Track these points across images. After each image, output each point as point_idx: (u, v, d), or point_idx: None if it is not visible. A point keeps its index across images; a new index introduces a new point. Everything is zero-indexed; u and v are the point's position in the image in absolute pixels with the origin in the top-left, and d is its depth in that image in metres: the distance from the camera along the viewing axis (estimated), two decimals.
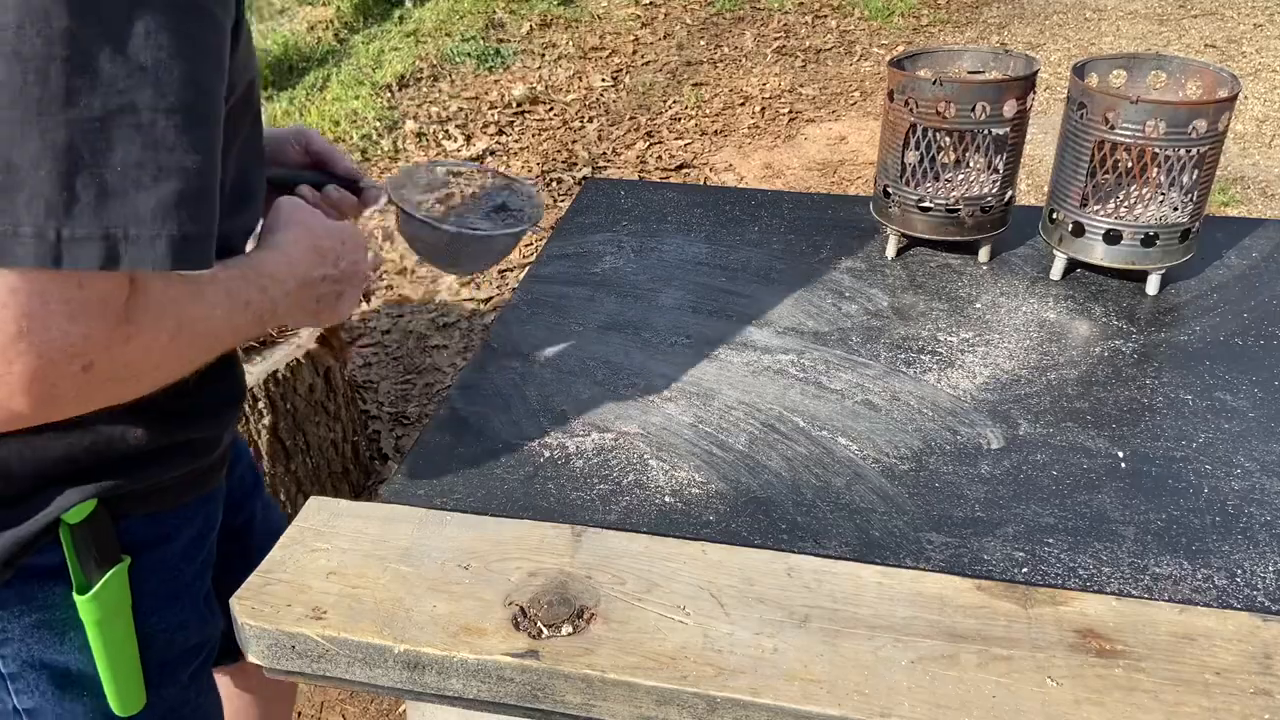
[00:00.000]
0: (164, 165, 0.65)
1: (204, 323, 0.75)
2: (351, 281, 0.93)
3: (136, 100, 0.63)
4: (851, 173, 3.84)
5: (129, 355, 0.69)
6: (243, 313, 0.80)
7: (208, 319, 0.75)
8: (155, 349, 0.71)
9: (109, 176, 0.63)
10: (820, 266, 1.28)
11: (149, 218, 0.65)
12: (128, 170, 0.64)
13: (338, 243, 0.91)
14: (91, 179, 0.63)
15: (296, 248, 0.88)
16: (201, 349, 0.77)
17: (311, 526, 0.85)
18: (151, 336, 0.70)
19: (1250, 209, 3.53)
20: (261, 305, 0.82)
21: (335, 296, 0.92)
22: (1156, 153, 1.18)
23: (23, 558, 0.82)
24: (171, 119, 0.65)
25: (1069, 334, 1.14)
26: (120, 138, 0.63)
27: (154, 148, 0.65)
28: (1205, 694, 0.69)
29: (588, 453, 0.96)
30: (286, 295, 0.85)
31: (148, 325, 0.69)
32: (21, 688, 0.88)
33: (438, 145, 3.98)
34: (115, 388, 0.71)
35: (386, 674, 0.76)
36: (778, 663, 0.72)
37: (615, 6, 5.51)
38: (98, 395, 0.70)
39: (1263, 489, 0.90)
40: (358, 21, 5.16)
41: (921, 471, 0.93)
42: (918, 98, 1.19)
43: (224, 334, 0.78)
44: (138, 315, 0.68)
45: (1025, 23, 5.36)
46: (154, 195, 0.65)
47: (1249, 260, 1.28)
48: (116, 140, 0.63)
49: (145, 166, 0.64)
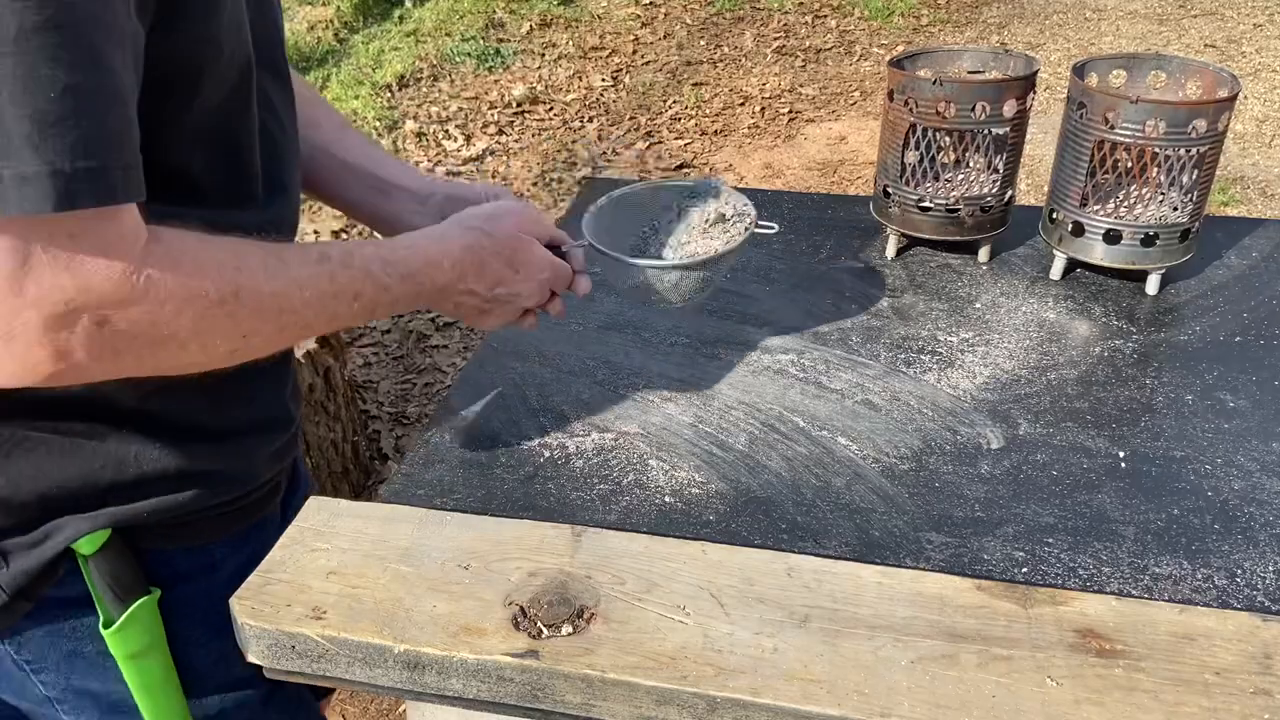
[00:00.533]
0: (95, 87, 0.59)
1: (277, 299, 0.71)
2: (503, 307, 0.91)
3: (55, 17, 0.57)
4: (851, 173, 3.84)
5: (153, 313, 0.65)
6: (347, 303, 0.77)
7: (285, 294, 0.72)
8: (192, 312, 0.66)
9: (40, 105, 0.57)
10: (820, 266, 1.28)
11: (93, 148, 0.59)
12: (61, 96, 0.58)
13: (509, 270, 0.89)
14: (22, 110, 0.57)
15: (462, 254, 0.86)
16: (275, 324, 0.72)
17: (311, 526, 0.85)
18: (183, 296, 0.65)
19: (1250, 209, 3.53)
20: (377, 299, 0.79)
21: (477, 311, 0.90)
22: (1156, 153, 1.18)
23: (40, 589, 0.79)
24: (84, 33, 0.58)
25: (1069, 334, 1.14)
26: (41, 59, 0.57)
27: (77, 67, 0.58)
28: (1205, 694, 0.69)
29: (588, 453, 0.96)
30: (417, 295, 0.83)
31: (175, 282, 0.65)
32: (68, 710, 0.86)
33: (438, 145, 3.98)
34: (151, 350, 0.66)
35: (386, 674, 0.76)
36: (778, 663, 0.72)
37: (615, 6, 5.51)
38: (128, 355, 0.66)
39: (1263, 489, 0.90)
40: (358, 21, 5.16)
41: (921, 471, 0.93)
42: (918, 98, 1.19)
43: (311, 318, 0.75)
44: (155, 269, 0.64)
45: (1025, 23, 5.36)
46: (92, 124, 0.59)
47: (1249, 260, 1.28)
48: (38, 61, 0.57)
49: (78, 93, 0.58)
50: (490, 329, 0.97)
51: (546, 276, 0.92)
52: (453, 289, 0.86)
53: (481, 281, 0.88)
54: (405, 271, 0.82)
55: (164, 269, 0.65)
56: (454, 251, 0.86)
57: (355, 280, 0.78)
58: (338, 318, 0.78)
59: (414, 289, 0.83)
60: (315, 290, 0.75)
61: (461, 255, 0.86)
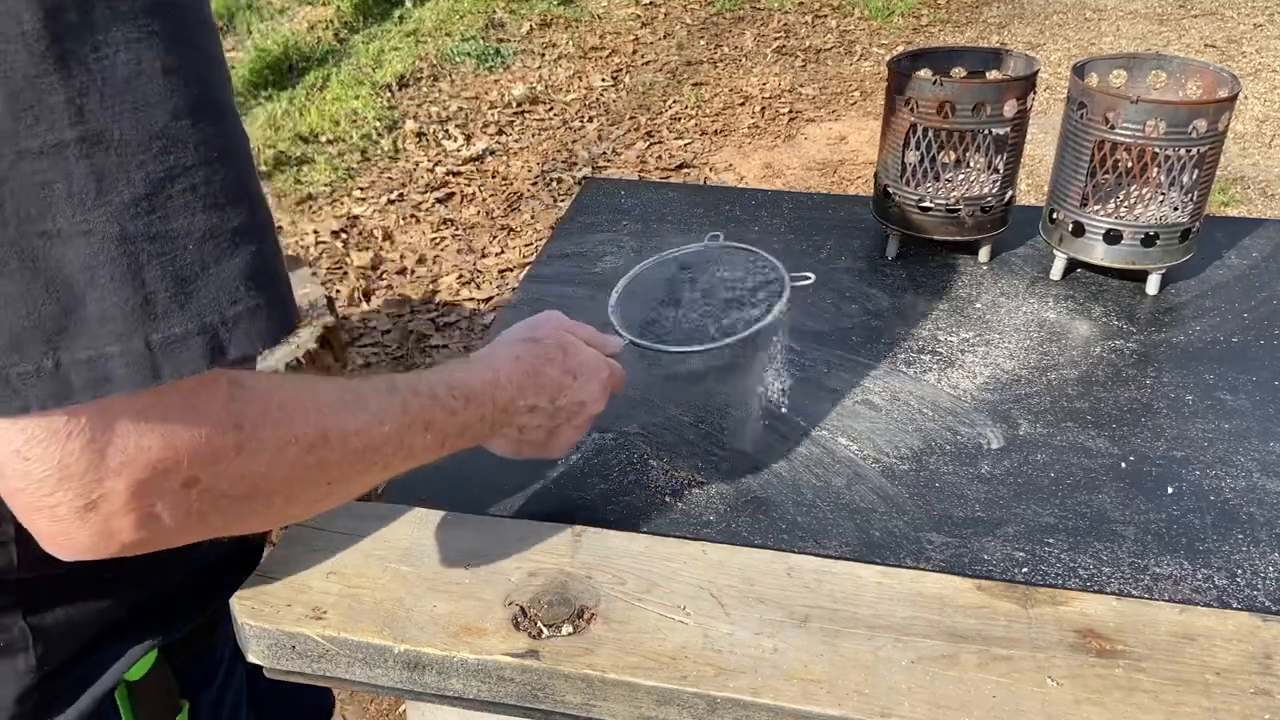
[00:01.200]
0: (235, 226, 0.53)
1: (361, 436, 0.65)
2: (571, 420, 0.85)
3: (183, 159, 0.52)
4: (851, 173, 3.84)
5: (245, 468, 0.58)
6: (420, 434, 0.71)
7: (367, 432, 0.66)
8: (284, 462, 0.60)
9: (180, 257, 0.52)
10: (820, 266, 1.28)
11: (241, 291, 0.53)
12: (199, 243, 0.52)
13: (568, 377, 0.84)
14: (162, 267, 0.51)
15: (514, 365, 0.81)
16: (359, 466, 0.66)
17: (311, 526, 0.85)
18: (276, 446, 0.59)
19: (1250, 209, 3.53)
20: (447, 428, 0.73)
21: (546, 433, 0.84)
22: (1156, 153, 1.18)
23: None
24: (222, 168, 0.53)
25: (1069, 334, 1.14)
26: (175, 209, 0.52)
27: (216, 208, 0.53)
28: (1205, 694, 0.69)
29: (588, 453, 0.96)
30: (482, 420, 0.77)
31: (268, 433, 0.59)
32: None
33: (438, 145, 3.98)
34: (238, 507, 0.60)
35: (386, 674, 0.76)
36: (778, 663, 0.72)
37: (615, 6, 5.51)
38: (214, 516, 0.59)
39: (1263, 489, 0.90)
40: (358, 21, 5.16)
41: (921, 471, 0.93)
42: (918, 98, 1.19)
43: (390, 454, 0.69)
44: (246, 418, 0.57)
45: (1025, 23, 5.36)
46: (235, 264, 0.53)
47: (1249, 260, 1.28)
48: (172, 213, 0.51)
49: (217, 234, 0.53)
50: (565, 452, 0.88)
51: (605, 377, 0.87)
52: (515, 408, 0.80)
53: (542, 394, 0.82)
54: (468, 393, 0.76)
55: (254, 416, 0.58)
56: (506, 365, 0.81)
57: (425, 408, 0.72)
58: (413, 453, 0.71)
59: (478, 413, 0.77)
60: (394, 423, 0.69)
61: (514, 367, 0.81)
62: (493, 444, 0.84)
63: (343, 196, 3.63)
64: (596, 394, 0.86)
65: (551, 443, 0.86)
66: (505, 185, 3.71)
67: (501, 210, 3.55)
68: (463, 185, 3.72)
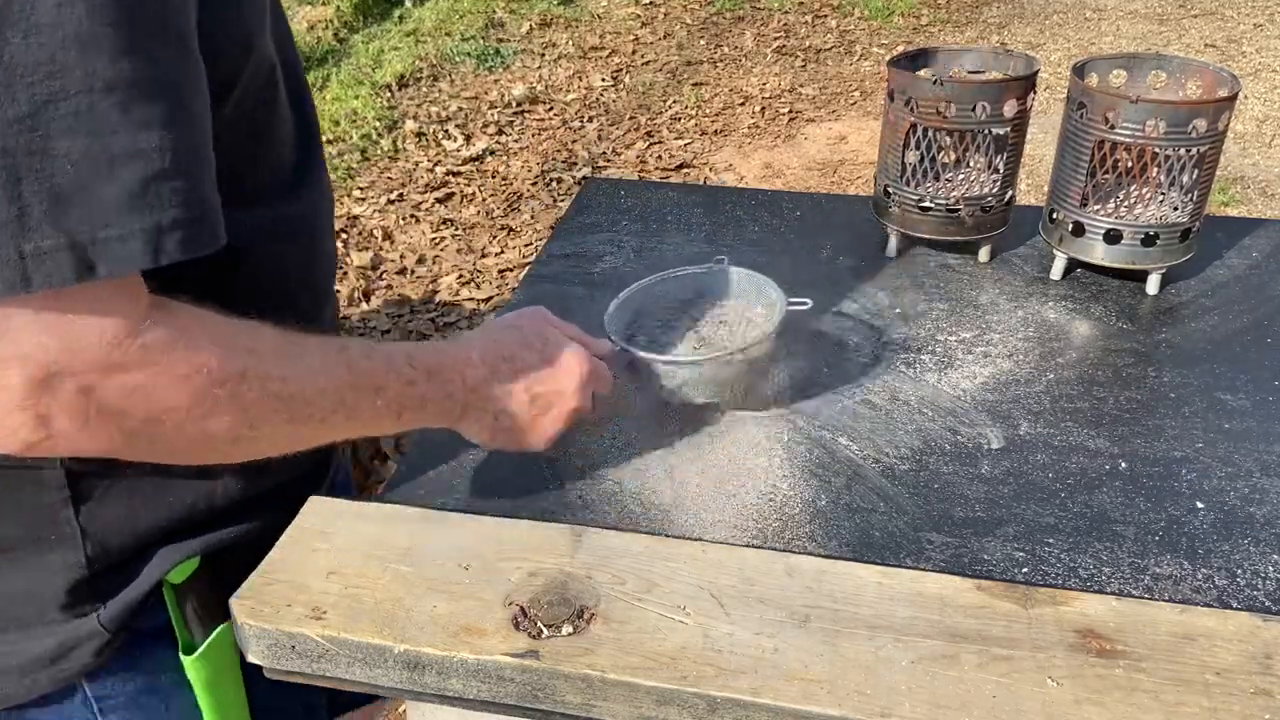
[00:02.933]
0: (116, 153, 0.56)
1: (289, 384, 0.67)
2: (549, 411, 0.84)
3: (65, 85, 0.54)
4: (851, 173, 3.84)
5: (142, 385, 0.61)
6: (369, 398, 0.72)
7: (298, 381, 0.68)
8: (189, 389, 0.62)
9: (57, 177, 0.55)
10: (820, 266, 1.28)
11: (115, 214, 0.57)
12: (77, 166, 0.55)
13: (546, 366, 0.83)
14: (39, 183, 0.55)
15: (489, 347, 0.81)
16: (286, 414, 0.68)
17: (311, 526, 0.85)
18: (182, 372, 0.62)
19: (1250, 209, 3.53)
20: (404, 398, 0.75)
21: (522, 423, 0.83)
22: (1156, 152, 1.18)
23: (133, 622, 0.79)
24: (111, 97, 0.56)
25: (1069, 334, 1.14)
26: (58, 131, 0.55)
27: (98, 135, 0.56)
28: (1205, 694, 0.69)
29: (588, 453, 0.96)
30: (449, 398, 0.78)
31: (175, 356, 0.61)
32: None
33: (437, 145, 3.98)
34: (144, 427, 0.62)
35: (386, 674, 0.76)
36: (778, 663, 0.72)
37: (615, 6, 5.51)
38: (116, 428, 0.62)
39: (1263, 489, 0.90)
40: (357, 21, 5.16)
41: (921, 471, 0.93)
42: (918, 98, 1.19)
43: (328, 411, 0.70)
44: (152, 337, 0.60)
45: (1025, 23, 5.36)
46: (113, 188, 0.57)
47: (1249, 260, 1.28)
48: (55, 134, 0.55)
49: (95, 158, 0.56)
50: (543, 446, 0.87)
51: (586, 370, 0.86)
52: (489, 392, 0.81)
53: (518, 380, 0.82)
54: (432, 366, 0.77)
55: (164, 338, 0.61)
56: (481, 347, 0.81)
57: (377, 373, 0.73)
58: (358, 414, 0.73)
59: (444, 389, 0.78)
60: (332, 380, 0.70)
61: (489, 350, 0.81)
62: (468, 429, 0.84)
63: (343, 196, 3.63)
64: (575, 387, 0.85)
65: (528, 433, 0.85)
66: (505, 185, 3.71)
67: (501, 210, 3.55)
68: (463, 185, 3.72)
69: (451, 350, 0.80)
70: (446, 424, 0.82)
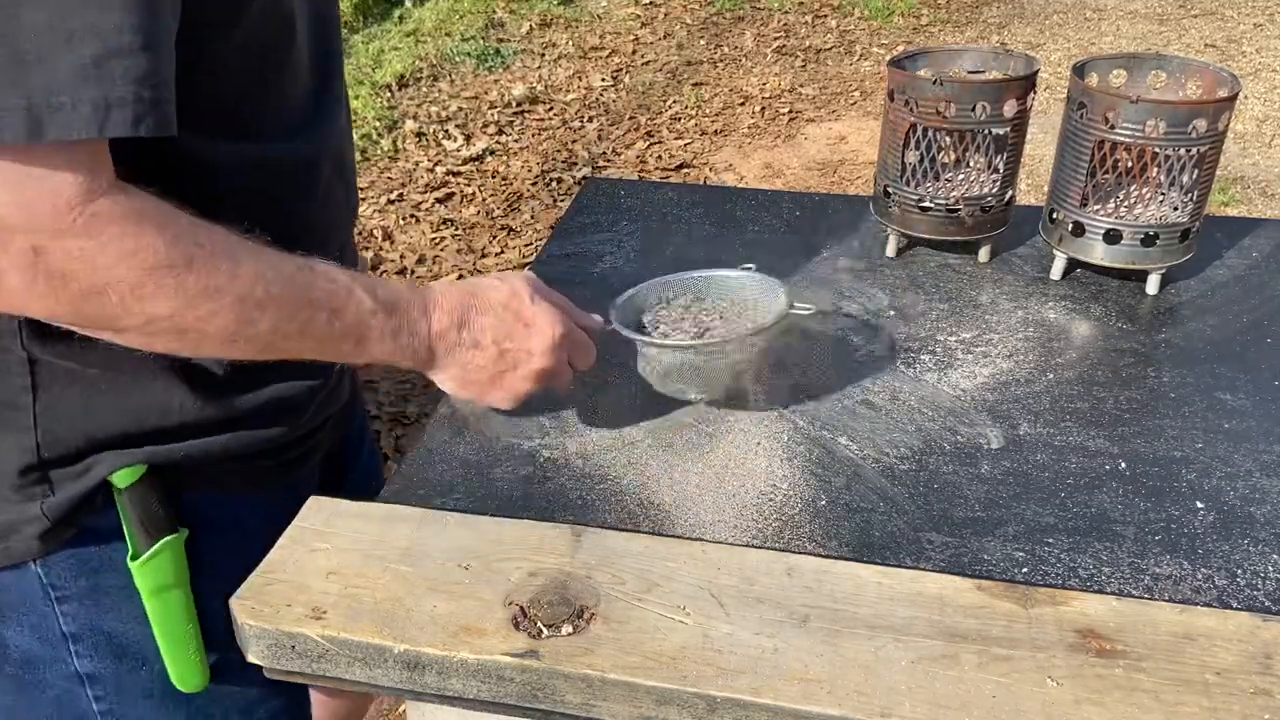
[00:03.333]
0: (75, 28, 0.61)
1: (237, 283, 0.70)
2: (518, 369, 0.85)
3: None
4: (851, 173, 3.84)
5: (88, 252, 0.64)
6: (324, 317, 0.74)
7: (248, 281, 0.70)
8: (133, 265, 0.66)
9: (21, 43, 0.60)
10: (820, 266, 1.28)
11: (68, 83, 0.61)
12: (39, 36, 0.60)
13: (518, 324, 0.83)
14: (6, 48, 0.60)
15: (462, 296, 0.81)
16: (234, 314, 0.70)
17: (311, 526, 0.85)
18: (128, 248, 0.65)
19: (1250, 209, 3.53)
20: (363, 326, 0.76)
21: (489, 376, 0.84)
22: (1156, 152, 1.18)
23: (79, 518, 0.82)
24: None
25: (1069, 334, 1.14)
26: (28, 5, 0.60)
27: (60, 10, 0.60)
28: (1205, 694, 0.69)
29: (588, 453, 0.96)
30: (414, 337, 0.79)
31: (120, 230, 0.65)
32: (82, 650, 0.88)
33: (438, 145, 3.98)
34: (88, 298, 0.66)
35: (386, 674, 0.76)
36: (778, 663, 0.72)
37: (615, 6, 5.51)
38: (64, 295, 0.65)
39: (1263, 489, 0.90)
40: (358, 21, 5.15)
41: (921, 471, 0.93)
42: (918, 98, 1.19)
43: (280, 319, 0.73)
44: (102, 208, 0.64)
45: (1025, 23, 5.36)
46: (70, 60, 0.61)
47: (1249, 260, 1.28)
48: (23, 4, 0.60)
49: (55, 30, 0.60)
50: (510, 405, 0.88)
51: (560, 334, 0.86)
52: (454, 340, 0.81)
53: (487, 333, 0.82)
54: (395, 302, 0.78)
55: (114, 212, 0.65)
56: (453, 295, 0.82)
57: (337, 296, 0.75)
58: (310, 330, 0.75)
59: (407, 328, 0.79)
60: (285, 288, 0.72)
61: (461, 299, 0.82)
62: (438, 377, 0.85)
63: None
64: (546, 348, 0.85)
65: (494, 388, 0.86)
66: (505, 185, 3.71)
67: (501, 210, 3.55)
68: (463, 185, 3.72)
69: (421, 293, 0.81)
70: (416, 366, 0.83)
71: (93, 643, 0.87)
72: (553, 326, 0.86)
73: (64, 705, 0.89)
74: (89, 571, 0.85)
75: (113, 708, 0.90)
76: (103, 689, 0.89)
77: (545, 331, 0.86)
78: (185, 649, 0.88)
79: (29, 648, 0.88)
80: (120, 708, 0.90)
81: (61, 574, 0.84)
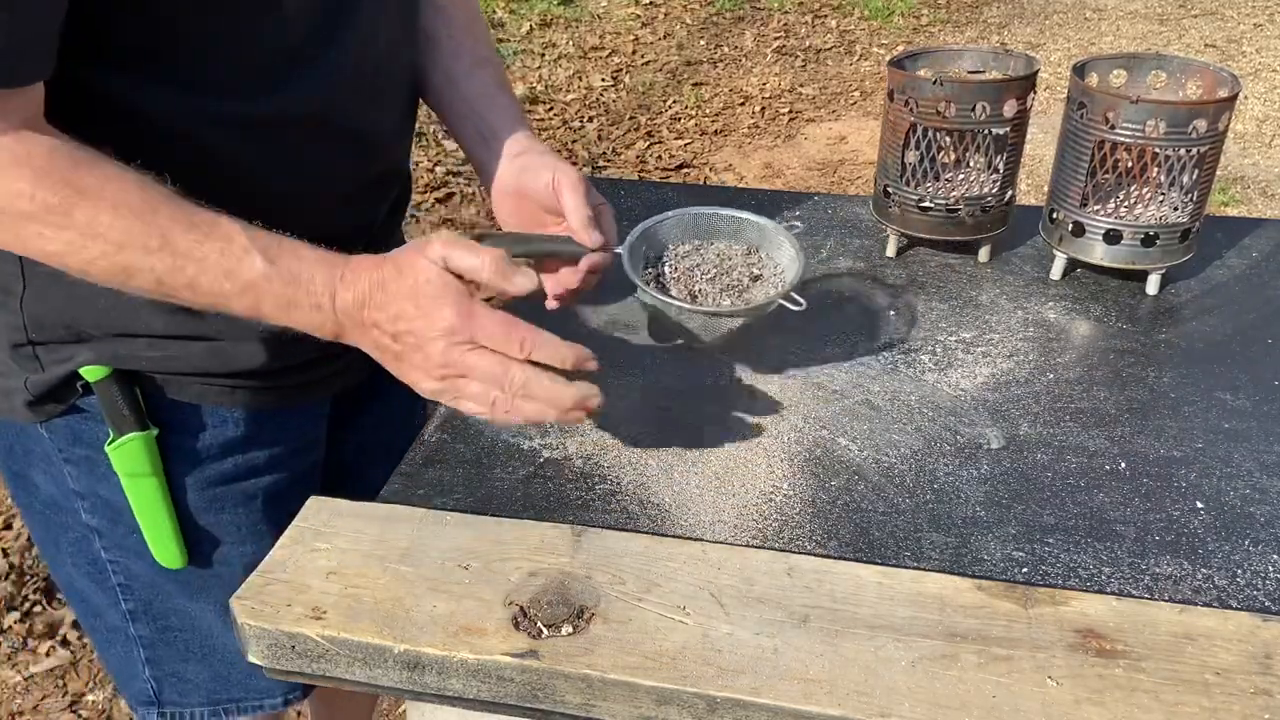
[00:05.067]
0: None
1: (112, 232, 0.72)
2: (414, 354, 0.78)
3: None
4: (851, 173, 3.84)
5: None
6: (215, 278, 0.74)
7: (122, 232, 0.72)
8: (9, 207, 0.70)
9: None
10: (820, 266, 1.28)
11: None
12: None
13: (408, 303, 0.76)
14: None
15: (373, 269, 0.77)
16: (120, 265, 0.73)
17: (311, 526, 0.85)
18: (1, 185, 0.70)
19: (1250, 209, 3.53)
20: (260, 292, 0.75)
21: (394, 356, 0.79)
22: (1157, 153, 1.18)
23: (68, 396, 0.90)
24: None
25: (1069, 334, 1.14)
26: None
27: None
28: (1205, 694, 0.69)
29: (588, 453, 0.96)
30: (316, 309, 0.77)
31: None
32: (88, 508, 0.96)
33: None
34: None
35: (386, 674, 0.76)
36: (778, 663, 0.72)
37: (615, 6, 5.51)
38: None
39: (1263, 489, 0.90)
40: None
41: (921, 471, 0.93)
42: (918, 98, 1.19)
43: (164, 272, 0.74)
44: None
45: (1025, 23, 5.36)
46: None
47: (1249, 260, 1.28)
48: None
49: None
50: (423, 392, 0.80)
51: (450, 314, 0.75)
52: (359, 317, 0.78)
53: (384, 310, 0.76)
54: (294, 273, 0.75)
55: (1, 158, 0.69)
56: (358, 266, 0.77)
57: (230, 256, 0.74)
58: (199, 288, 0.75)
59: (308, 299, 0.76)
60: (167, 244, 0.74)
61: (367, 272, 0.77)
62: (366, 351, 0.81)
63: None
64: (436, 333, 0.75)
65: (403, 372, 0.79)
66: None
67: None
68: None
69: (325, 264, 0.77)
70: (330, 336, 0.79)
71: (94, 503, 0.95)
72: (438, 305, 0.75)
73: (81, 548, 0.99)
74: (83, 444, 0.92)
75: (117, 560, 0.98)
76: (108, 542, 0.98)
77: (433, 314, 0.75)
78: (161, 530, 0.95)
79: (51, 493, 0.97)
80: (123, 561, 0.98)
81: (62, 441, 0.93)
